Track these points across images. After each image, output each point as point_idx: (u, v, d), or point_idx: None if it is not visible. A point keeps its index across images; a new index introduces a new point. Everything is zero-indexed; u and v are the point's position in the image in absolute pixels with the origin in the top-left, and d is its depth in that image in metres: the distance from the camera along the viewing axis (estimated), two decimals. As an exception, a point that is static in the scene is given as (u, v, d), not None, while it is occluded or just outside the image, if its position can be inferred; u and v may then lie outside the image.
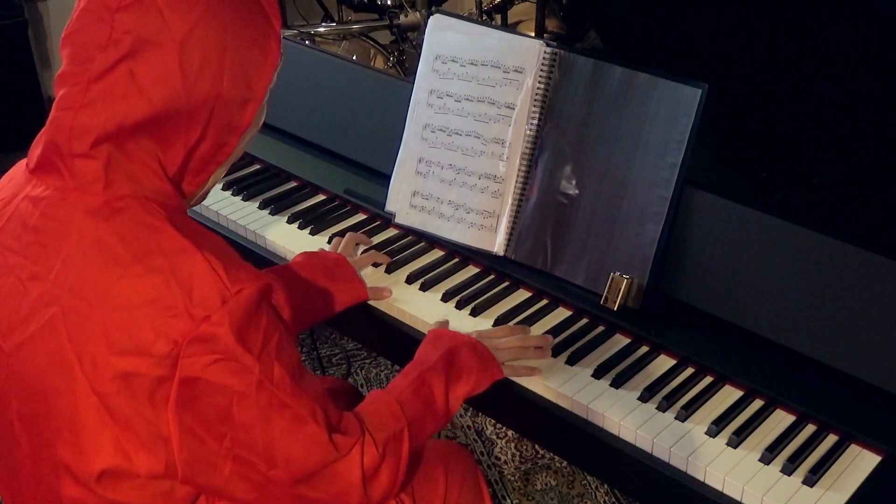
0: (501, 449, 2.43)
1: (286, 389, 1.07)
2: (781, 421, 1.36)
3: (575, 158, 1.59)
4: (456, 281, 1.65)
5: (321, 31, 3.40)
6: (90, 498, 1.09)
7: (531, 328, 1.53)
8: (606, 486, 2.29)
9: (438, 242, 1.74)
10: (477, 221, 1.67)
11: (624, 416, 1.36)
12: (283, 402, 1.06)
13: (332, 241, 1.73)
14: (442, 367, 1.33)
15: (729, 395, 1.41)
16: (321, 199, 1.91)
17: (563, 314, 1.58)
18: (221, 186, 1.93)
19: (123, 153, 1.05)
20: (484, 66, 1.66)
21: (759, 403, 1.39)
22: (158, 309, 1.01)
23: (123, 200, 1.06)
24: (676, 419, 1.35)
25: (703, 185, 1.50)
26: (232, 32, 1.05)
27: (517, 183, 1.64)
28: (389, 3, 3.35)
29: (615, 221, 1.55)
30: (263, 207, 1.87)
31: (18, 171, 1.16)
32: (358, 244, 1.71)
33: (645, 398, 1.39)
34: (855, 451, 1.31)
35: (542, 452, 2.40)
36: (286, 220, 1.83)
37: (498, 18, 3.33)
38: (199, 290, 1.01)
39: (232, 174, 1.96)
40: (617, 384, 1.42)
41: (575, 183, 1.59)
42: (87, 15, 1.04)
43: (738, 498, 1.26)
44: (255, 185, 1.95)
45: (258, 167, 2.02)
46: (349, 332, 2.06)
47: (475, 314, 1.57)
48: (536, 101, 1.62)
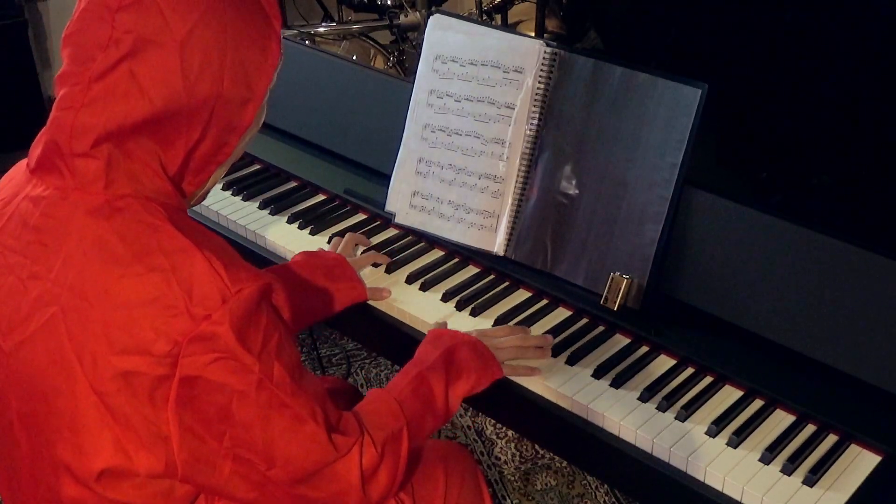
0: (501, 449, 2.42)
1: (286, 389, 1.07)
2: (781, 421, 1.36)
3: (575, 158, 1.59)
4: (456, 281, 1.65)
5: (321, 31, 3.40)
6: (90, 497, 1.09)
7: (531, 328, 1.53)
8: (606, 486, 2.28)
9: (438, 242, 1.74)
10: (477, 221, 1.67)
11: (624, 416, 1.36)
12: (282, 401, 1.07)
13: (331, 241, 1.73)
14: (441, 365, 1.33)
15: (729, 395, 1.41)
16: (321, 199, 1.91)
17: (563, 314, 1.58)
18: (221, 186, 1.93)
19: (124, 153, 1.05)
20: (484, 66, 1.66)
21: (759, 403, 1.39)
22: (159, 308, 1.01)
23: (124, 200, 1.06)
24: (676, 419, 1.35)
25: (703, 185, 1.50)
26: (232, 32, 1.05)
27: (517, 183, 1.64)
28: (389, 3, 3.35)
29: (615, 221, 1.55)
30: (263, 207, 1.87)
31: (19, 170, 1.16)
32: (357, 244, 1.71)
33: (645, 398, 1.39)
34: (855, 451, 1.31)
35: (542, 452, 2.40)
36: (286, 220, 1.83)
37: (498, 18, 3.33)
38: (199, 289, 1.01)
39: (232, 174, 1.96)
40: (617, 384, 1.42)
41: (575, 183, 1.59)
42: (87, 15, 1.04)
43: (738, 498, 1.26)
44: (255, 185, 1.95)
45: (258, 167, 2.02)
46: (349, 332, 2.06)
47: (475, 314, 1.57)
48: (536, 101, 1.62)
